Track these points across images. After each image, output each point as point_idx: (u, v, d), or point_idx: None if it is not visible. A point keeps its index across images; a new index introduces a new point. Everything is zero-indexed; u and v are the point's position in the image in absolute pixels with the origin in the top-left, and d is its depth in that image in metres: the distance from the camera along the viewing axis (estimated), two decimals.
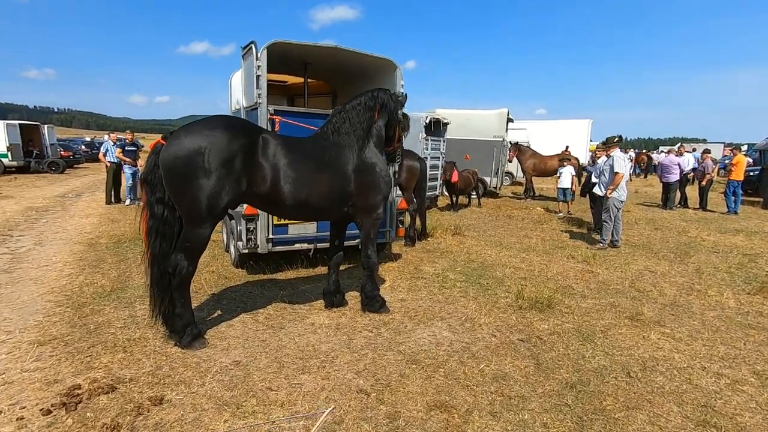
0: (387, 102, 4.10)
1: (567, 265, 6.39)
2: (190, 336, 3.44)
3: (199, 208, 3.19)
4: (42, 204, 11.08)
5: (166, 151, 3.17)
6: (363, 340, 3.73)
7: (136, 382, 2.97)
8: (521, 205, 12.94)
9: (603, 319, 4.38)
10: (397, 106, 4.26)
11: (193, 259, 3.35)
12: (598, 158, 8.78)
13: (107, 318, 4.04)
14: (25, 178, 18.01)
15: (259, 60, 4.84)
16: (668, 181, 12.39)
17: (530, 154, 14.10)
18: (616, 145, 7.67)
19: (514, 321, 4.25)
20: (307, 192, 3.63)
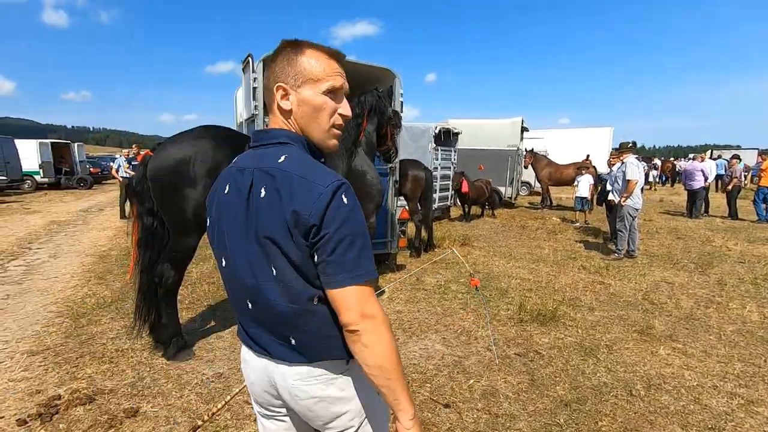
0: (375, 104, 4.05)
1: (577, 276, 6.13)
2: (175, 347, 3.42)
3: (184, 217, 3.19)
4: (65, 218, 11.50)
5: (153, 161, 3.20)
6: None
7: (115, 393, 2.95)
8: (536, 215, 12.62)
9: (609, 332, 4.13)
10: (386, 105, 4.21)
11: (179, 268, 3.34)
12: (612, 165, 8.48)
13: (102, 329, 4.07)
14: (55, 193, 18.83)
15: (255, 72, 4.89)
16: (692, 188, 11.88)
17: (546, 163, 13.80)
18: (629, 151, 7.39)
19: (513, 334, 4.06)
20: None
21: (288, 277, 1.04)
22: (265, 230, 1.03)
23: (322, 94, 1.09)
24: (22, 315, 4.48)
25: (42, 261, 6.84)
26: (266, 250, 1.04)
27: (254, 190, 1.05)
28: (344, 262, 0.98)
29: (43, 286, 5.51)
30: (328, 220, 0.97)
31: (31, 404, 2.81)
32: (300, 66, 1.08)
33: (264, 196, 1.03)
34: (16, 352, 3.61)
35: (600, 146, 20.72)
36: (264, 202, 1.03)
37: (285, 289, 1.05)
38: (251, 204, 1.06)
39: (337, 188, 0.99)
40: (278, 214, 1.00)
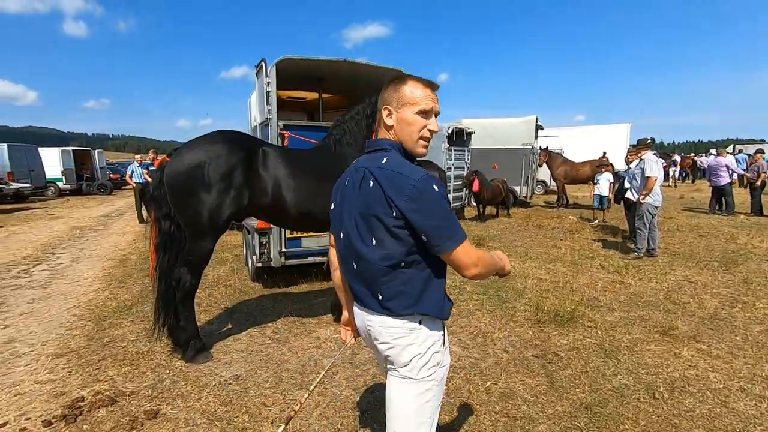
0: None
1: (596, 275, 6.01)
2: (193, 350, 3.47)
3: (200, 221, 3.24)
4: (86, 224, 11.80)
5: (169, 167, 3.26)
6: (366, 355, 3.61)
7: (136, 395, 3.00)
8: (553, 214, 12.44)
9: (630, 333, 4.04)
10: None
11: (196, 272, 3.39)
12: (630, 162, 8.31)
13: (123, 331, 4.16)
14: (76, 199, 19.35)
15: (268, 77, 4.94)
16: (718, 184, 11.55)
17: (561, 161, 13.59)
18: (647, 148, 7.22)
19: (530, 336, 4.00)
20: (310, 203, 3.61)
21: (385, 243, 1.43)
22: (371, 210, 1.44)
23: (415, 113, 1.48)
24: (46, 318, 4.60)
25: (65, 265, 7.02)
26: (370, 223, 1.46)
27: (364, 182, 1.49)
28: (444, 232, 1.37)
29: (67, 290, 5.65)
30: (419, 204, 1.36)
31: (55, 405, 2.88)
32: (402, 93, 1.49)
33: (371, 186, 1.44)
34: (42, 354, 3.71)
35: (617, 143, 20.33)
36: (371, 191, 1.44)
37: (382, 252, 1.44)
38: (362, 192, 1.48)
39: (427, 180, 1.37)
40: (380, 198, 1.41)
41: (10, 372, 3.40)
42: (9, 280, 6.13)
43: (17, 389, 3.13)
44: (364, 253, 1.47)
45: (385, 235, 1.43)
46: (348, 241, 1.54)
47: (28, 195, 17.96)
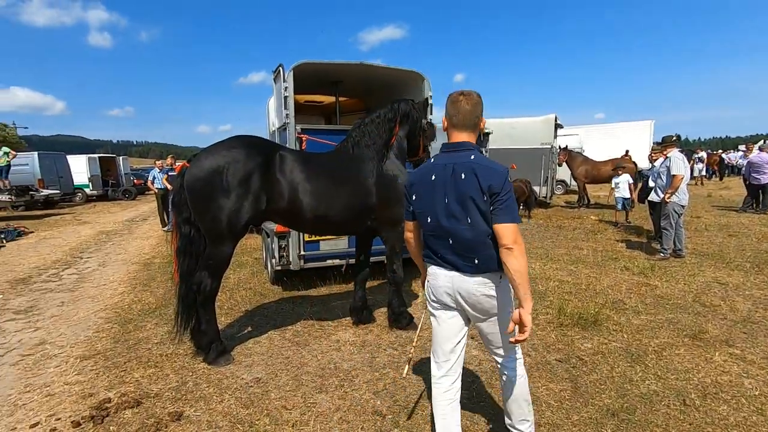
0: (408, 112, 4.04)
1: (620, 277, 5.85)
2: (215, 352, 3.51)
3: (219, 226, 3.28)
4: (112, 228, 12.15)
5: (188, 172, 3.31)
6: (386, 359, 3.60)
7: (161, 397, 3.05)
8: (574, 214, 12.20)
9: (658, 337, 3.91)
10: (420, 116, 4.19)
11: (216, 276, 3.43)
12: (654, 160, 8.07)
13: (147, 334, 4.25)
14: (102, 205, 19.94)
15: (286, 81, 4.99)
16: (759, 182, 11.03)
17: (581, 160, 13.32)
18: (673, 145, 7.00)
19: (553, 339, 3.92)
20: (326, 206, 3.62)
21: (476, 221, 1.95)
22: (467, 194, 1.94)
23: None
24: (75, 321, 4.74)
25: (92, 269, 7.24)
26: (466, 205, 1.95)
27: (456, 174, 1.97)
28: (508, 211, 1.90)
29: (94, 293, 5.81)
30: (504, 190, 1.90)
31: (84, 406, 2.96)
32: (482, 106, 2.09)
33: (465, 177, 1.95)
34: (71, 356, 3.82)
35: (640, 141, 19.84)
36: (466, 180, 1.94)
37: (474, 229, 1.96)
38: (456, 181, 1.97)
39: (507, 172, 1.94)
40: (476, 186, 1.92)
41: (41, 373, 3.51)
42: (40, 284, 6.35)
43: (48, 390, 3.23)
44: (461, 231, 1.98)
45: (477, 215, 1.94)
46: (439, 223, 2.04)
47: (57, 201, 18.63)
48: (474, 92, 2.09)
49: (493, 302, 2.03)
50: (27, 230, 11.53)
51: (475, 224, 1.94)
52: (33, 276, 6.82)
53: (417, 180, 2.13)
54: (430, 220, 2.06)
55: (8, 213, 16.25)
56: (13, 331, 4.49)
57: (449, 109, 2.09)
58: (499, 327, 2.10)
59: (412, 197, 2.16)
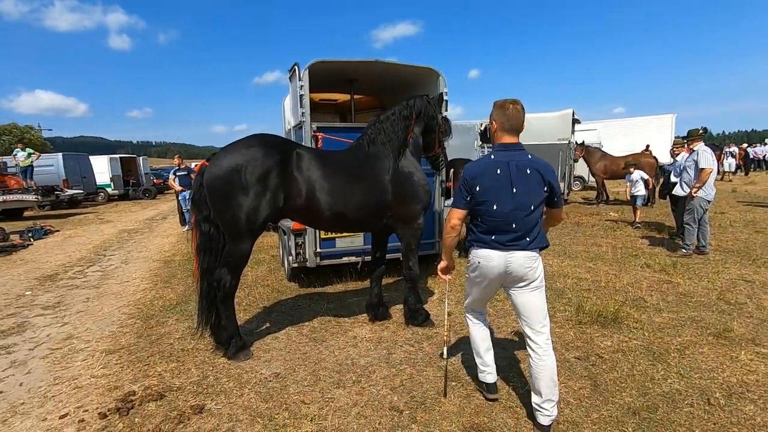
0: (424, 108, 4.03)
1: (641, 275, 5.74)
2: (235, 347, 3.58)
3: (239, 224, 3.34)
4: (133, 227, 12.45)
5: (208, 171, 3.37)
6: (403, 355, 3.61)
7: (183, 390, 3.13)
8: (592, 210, 11.99)
9: (680, 335, 3.83)
10: (435, 111, 4.17)
11: (236, 273, 3.49)
12: (676, 154, 7.87)
13: (168, 329, 4.35)
14: (124, 204, 20.44)
15: (301, 80, 5.03)
16: None
17: (600, 156, 13.07)
18: (699, 138, 6.79)
19: (571, 337, 3.87)
20: (343, 203, 3.65)
21: (537, 206, 2.47)
22: (533, 186, 2.45)
23: None
24: (100, 316, 4.89)
25: (115, 266, 7.43)
26: (532, 195, 2.45)
27: (521, 169, 2.44)
28: (560, 199, 2.59)
29: (117, 289, 5.98)
30: (556, 183, 2.52)
31: (110, 399, 3.05)
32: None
33: (530, 173, 2.45)
34: (96, 350, 3.94)
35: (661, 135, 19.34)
36: (531, 175, 2.45)
37: (535, 213, 2.47)
38: (523, 175, 2.44)
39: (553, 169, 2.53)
40: (539, 179, 2.46)
41: (69, 366, 3.64)
42: (67, 281, 6.55)
43: (76, 383, 3.34)
44: (524, 216, 2.45)
45: (539, 203, 2.46)
46: (505, 210, 2.45)
47: (80, 200, 19.17)
48: (519, 101, 2.54)
49: (536, 272, 2.50)
50: (53, 229, 11.90)
51: (536, 210, 2.46)
52: (59, 273, 7.04)
53: (480, 173, 2.49)
54: (496, 207, 2.45)
55: (35, 212, 16.80)
56: (42, 326, 4.66)
57: (499, 115, 2.52)
58: (537, 295, 2.53)
59: (475, 188, 2.49)
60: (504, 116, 2.49)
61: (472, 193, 2.49)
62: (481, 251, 2.54)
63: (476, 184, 2.48)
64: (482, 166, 2.50)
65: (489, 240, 2.49)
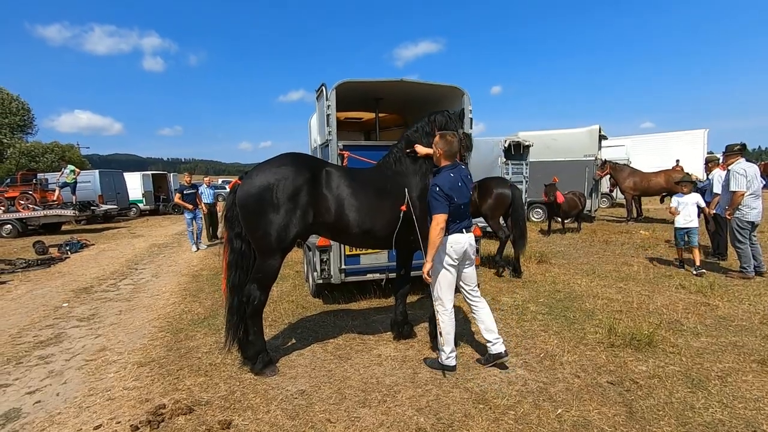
0: (445, 124, 4.05)
1: (675, 296, 5.52)
2: (261, 363, 3.61)
3: (269, 240, 3.41)
4: (163, 241, 12.83)
5: (240, 189, 3.47)
6: (428, 375, 3.56)
7: (211, 405, 3.17)
8: (621, 228, 11.65)
9: (721, 361, 3.64)
10: (457, 126, 4.18)
11: (265, 289, 3.55)
12: (710, 171, 7.60)
13: (197, 343, 4.43)
14: (154, 219, 21.13)
15: (328, 100, 5.15)
16: None
17: (629, 172, 12.74)
18: (737, 155, 6.44)
19: (603, 360, 3.74)
20: (371, 220, 3.68)
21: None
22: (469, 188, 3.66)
23: None
24: (132, 329, 5.03)
25: (146, 280, 7.66)
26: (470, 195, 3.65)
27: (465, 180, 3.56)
28: None
29: (148, 303, 6.15)
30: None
31: (141, 411, 3.12)
32: None
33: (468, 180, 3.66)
34: (128, 362, 4.05)
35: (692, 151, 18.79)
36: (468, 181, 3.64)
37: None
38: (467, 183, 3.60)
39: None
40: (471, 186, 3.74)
41: (103, 378, 3.74)
42: (101, 293, 6.79)
43: (109, 394, 3.43)
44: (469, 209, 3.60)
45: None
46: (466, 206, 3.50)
47: (114, 215, 19.93)
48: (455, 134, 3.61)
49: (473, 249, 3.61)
50: (89, 243, 12.40)
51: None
52: (94, 286, 7.31)
53: (452, 185, 3.36)
54: (463, 207, 3.45)
55: (72, 226, 17.57)
56: (78, 337, 4.82)
57: (444, 144, 3.46)
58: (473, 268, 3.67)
59: (454, 197, 3.33)
60: (448, 145, 3.45)
61: (451, 200, 3.32)
62: (453, 236, 3.42)
63: (454, 194, 3.33)
64: (452, 181, 3.38)
65: (459, 226, 3.46)
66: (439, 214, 3.27)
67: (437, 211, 3.28)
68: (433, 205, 3.31)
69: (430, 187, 3.44)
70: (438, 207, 3.28)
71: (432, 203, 3.33)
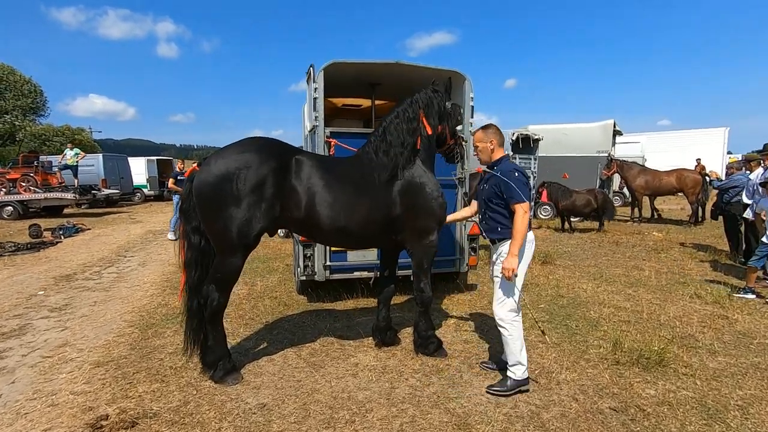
0: (430, 102, 3.61)
1: (690, 306, 5.05)
2: (222, 370, 3.26)
3: (229, 237, 3.03)
4: (160, 228, 12.59)
5: (197, 177, 3.09)
6: (407, 390, 3.18)
7: (158, 418, 2.83)
8: (632, 229, 11.09)
9: (741, 387, 3.20)
10: (442, 101, 3.73)
11: (224, 290, 3.18)
12: (750, 170, 7.01)
13: (164, 342, 4.11)
14: (157, 205, 21.00)
15: (315, 82, 4.74)
16: None
17: (639, 170, 11.96)
18: None
19: (606, 380, 3.32)
20: (346, 217, 3.28)
21: None
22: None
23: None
24: (101, 323, 4.73)
25: (131, 269, 7.38)
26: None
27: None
28: None
29: (126, 294, 5.85)
30: None
31: (80, 422, 2.79)
32: None
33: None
34: (85, 362, 3.73)
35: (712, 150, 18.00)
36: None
37: None
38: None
39: None
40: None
41: (53, 379, 3.43)
42: (81, 281, 6.52)
43: (53, 399, 3.11)
44: None
45: None
46: None
47: (117, 200, 19.83)
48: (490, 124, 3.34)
49: None
50: (84, 227, 12.21)
51: None
52: (77, 273, 7.05)
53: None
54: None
55: (74, 210, 17.48)
56: (44, 329, 4.54)
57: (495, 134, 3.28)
58: None
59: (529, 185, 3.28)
60: (499, 134, 3.30)
61: (530, 188, 3.23)
62: (530, 233, 3.16)
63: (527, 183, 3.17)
64: (522, 170, 3.22)
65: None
66: (525, 203, 3.00)
67: (523, 198, 3.00)
68: (519, 193, 3.01)
69: (511, 173, 3.04)
70: (524, 194, 3.02)
71: (516, 191, 3.01)
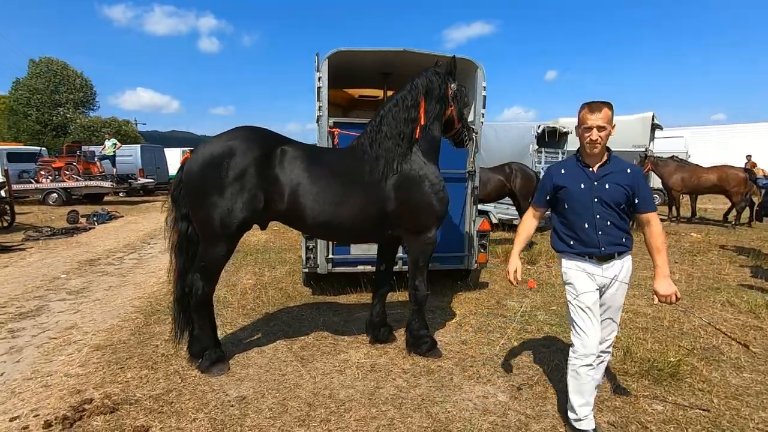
0: (432, 86, 3.40)
1: (720, 315, 4.63)
2: (208, 360, 3.25)
3: (212, 225, 3.00)
4: None
5: (187, 164, 3.08)
6: (392, 391, 3.06)
7: (138, 405, 2.84)
8: (669, 229, 10.37)
9: (765, 408, 2.87)
10: (444, 83, 3.48)
11: (209, 279, 3.15)
12: None
13: (163, 329, 4.16)
14: None
15: (319, 71, 4.64)
16: None
17: (675, 167, 11.02)
18: None
19: (608, 392, 3.06)
20: (332, 211, 3.16)
21: None
22: None
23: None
24: (111, 307, 4.87)
25: (152, 255, 7.62)
26: None
27: None
28: None
29: (141, 279, 6.03)
30: None
31: (65, 405, 2.84)
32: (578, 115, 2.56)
33: None
34: (87, 345, 3.84)
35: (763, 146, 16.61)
36: None
37: None
38: None
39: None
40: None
41: (52, 360, 3.54)
42: (103, 266, 6.78)
43: (47, 380, 3.20)
44: None
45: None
46: None
47: (153, 189, 20.66)
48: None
49: None
50: (118, 215, 12.77)
51: None
52: (101, 258, 7.34)
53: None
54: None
55: (113, 198, 18.36)
56: (57, 311, 4.72)
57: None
58: None
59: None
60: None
61: None
62: None
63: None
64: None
65: None
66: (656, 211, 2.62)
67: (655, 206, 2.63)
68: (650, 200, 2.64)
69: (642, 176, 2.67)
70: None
71: (649, 196, 2.64)
